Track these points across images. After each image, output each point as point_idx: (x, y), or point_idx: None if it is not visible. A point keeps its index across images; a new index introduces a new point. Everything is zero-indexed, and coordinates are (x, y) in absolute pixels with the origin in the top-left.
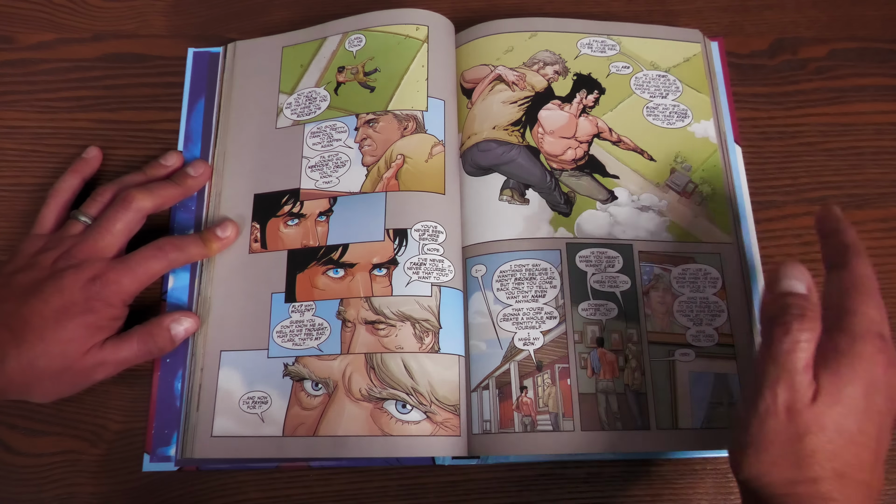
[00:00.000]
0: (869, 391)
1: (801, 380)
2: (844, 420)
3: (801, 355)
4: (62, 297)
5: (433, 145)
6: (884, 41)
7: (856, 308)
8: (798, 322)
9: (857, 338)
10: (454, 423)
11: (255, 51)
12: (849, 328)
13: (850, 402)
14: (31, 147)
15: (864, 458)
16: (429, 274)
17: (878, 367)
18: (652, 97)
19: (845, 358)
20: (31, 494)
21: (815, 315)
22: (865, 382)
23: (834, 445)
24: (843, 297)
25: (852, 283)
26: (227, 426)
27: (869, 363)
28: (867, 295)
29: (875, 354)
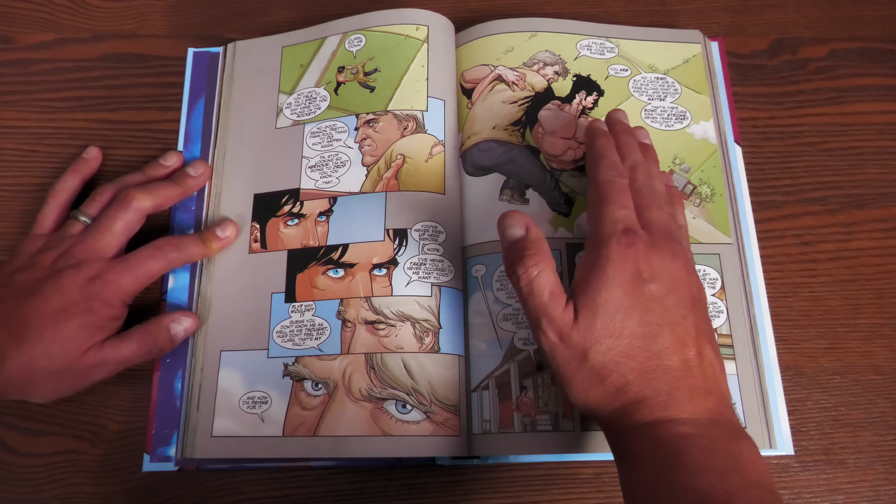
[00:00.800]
0: (632, 285)
1: (552, 309)
2: (613, 323)
3: (540, 288)
4: (62, 296)
5: (433, 145)
6: (884, 41)
7: (600, 214)
8: (520, 264)
9: (603, 242)
10: (454, 423)
11: (255, 51)
12: (596, 236)
13: (611, 305)
14: (31, 147)
15: (663, 345)
16: (429, 274)
17: (631, 260)
18: (650, 100)
19: (596, 266)
20: (31, 494)
21: (537, 248)
22: (622, 281)
23: (618, 350)
24: (593, 205)
25: (596, 193)
26: (227, 426)
27: (619, 261)
28: (608, 198)
29: (623, 250)
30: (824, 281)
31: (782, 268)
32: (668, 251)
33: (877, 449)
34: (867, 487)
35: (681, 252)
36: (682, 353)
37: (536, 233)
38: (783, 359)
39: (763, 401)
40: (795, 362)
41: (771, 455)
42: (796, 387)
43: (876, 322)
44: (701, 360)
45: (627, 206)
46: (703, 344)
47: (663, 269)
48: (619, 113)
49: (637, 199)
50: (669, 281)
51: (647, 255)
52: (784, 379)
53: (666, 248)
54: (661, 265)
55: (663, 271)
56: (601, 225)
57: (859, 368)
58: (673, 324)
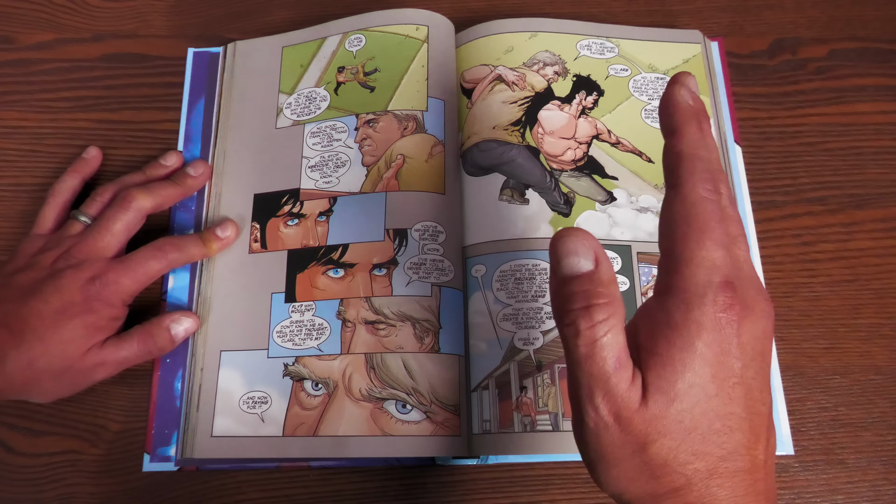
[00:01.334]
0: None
1: (616, 383)
2: (691, 415)
3: (605, 353)
4: (61, 296)
5: (433, 145)
6: (884, 41)
7: (689, 255)
8: (585, 318)
9: (694, 301)
10: (454, 423)
11: (255, 51)
12: (682, 287)
13: (694, 392)
14: (31, 147)
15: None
16: (429, 274)
17: (727, 331)
18: (650, 100)
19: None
20: (31, 494)
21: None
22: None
23: (687, 447)
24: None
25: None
26: (227, 426)
27: (713, 332)
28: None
29: (720, 316)
30: (824, 281)
31: (782, 268)
32: (760, 314)
33: (877, 449)
34: (867, 487)
35: (769, 310)
36: (754, 451)
37: (608, 270)
38: (783, 359)
39: None
40: (795, 362)
41: None
42: (796, 387)
43: (876, 322)
44: (767, 456)
45: (725, 243)
46: (771, 434)
47: (753, 341)
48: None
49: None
50: (758, 356)
51: (741, 324)
52: (784, 379)
53: (758, 309)
54: (751, 336)
55: (753, 345)
56: (692, 270)
57: (859, 368)
58: (752, 414)
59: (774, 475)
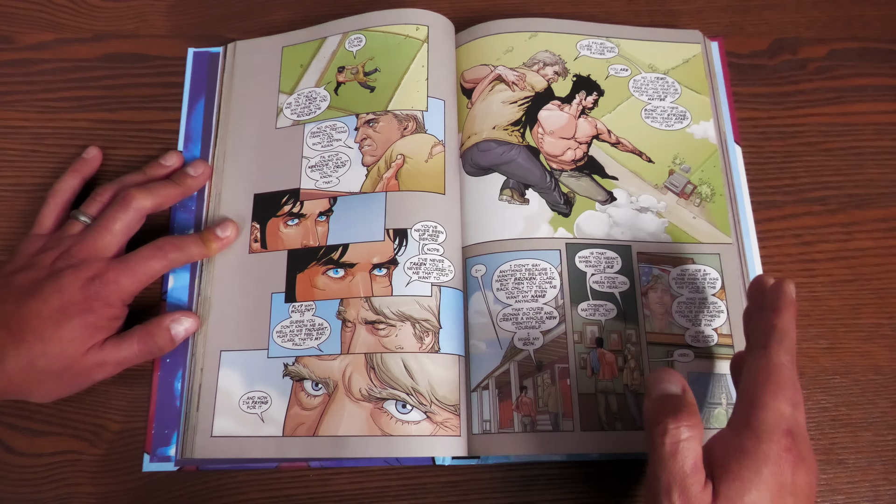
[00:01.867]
0: (777, 495)
1: (692, 483)
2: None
3: (685, 455)
4: (61, 296)
5: (433, 145)
6: (884, 41)
7: (765, 402)
8: (673, 420)
9: (764, 436)
10: (454, 423)
11: (255, 51)
12: (755, 425)
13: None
14: (31, 147)
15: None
16: (429, 274)
17: (786, 468)
18: (650, 100)
19: (749, 460)
20: (31, 494)
21: (692, 411)
22: (772, 486)
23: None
24: (755, 387)
25: (766, 373)
26: (226, 426)
27: (776, 465)
28: (779, 386)
29: (782, 454)
30: (824, 281)
31: (782, 268)
32: (811, 464)
33: (877, 449)
34: (867, 487)
35: (815, 464)
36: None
37: (692, 397)
38: None
39: None
40: None
41: None
42: None
43: (876, 322)
44: None
45: (794, 402)
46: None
47: (804, 484)
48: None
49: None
50: (805, 498)
51: (797, 467)
52: None
53: (809, 459)
54: (803, 480)
55: (804, 487)
56: (766, 414)
57: (859, 368)
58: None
59: None
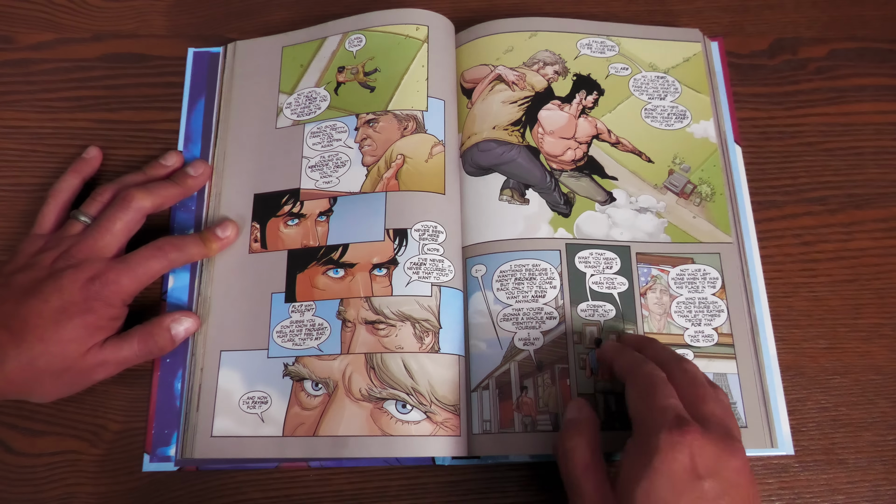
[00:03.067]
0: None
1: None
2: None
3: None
4: (61, 296)
5: (433, 145)
6: (884, 41)
7: (647, 406)
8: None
9: (652, 429)
10: (454, 423)
11: (255, 51)
12: (643, 424)
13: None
14: (31, 147)
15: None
16: (429, 274)
17: (684, 451)
18: (650, 99)
19: (642, 455)
20: (31, 494)
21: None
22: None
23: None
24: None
25: (637, 390)
26: (226, 426)
27: (669, 451)
28: (653, 390)
29: (677, 439)
30: (824, 281)
31: (782, 268)
32: (727, 447)
33: (877, 449)
34: (867, 487)
35: (741, 452)
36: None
37: (589, 413)
38: (783, 359)
39: (764, 400)
40: (795, 362)
41: (771, 455)
42: (796, 387)
43: (876, 322)
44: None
45: (674, 396)
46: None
47: (721, 466)
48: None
49: (685, 392)
50: (726, 482)
51: (703, 448)
52: (784, 379)
53: (725, 443)
54: (718, 462)
55: (721, 469)
56: (650, 414)
57: (859, 368)
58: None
59: None
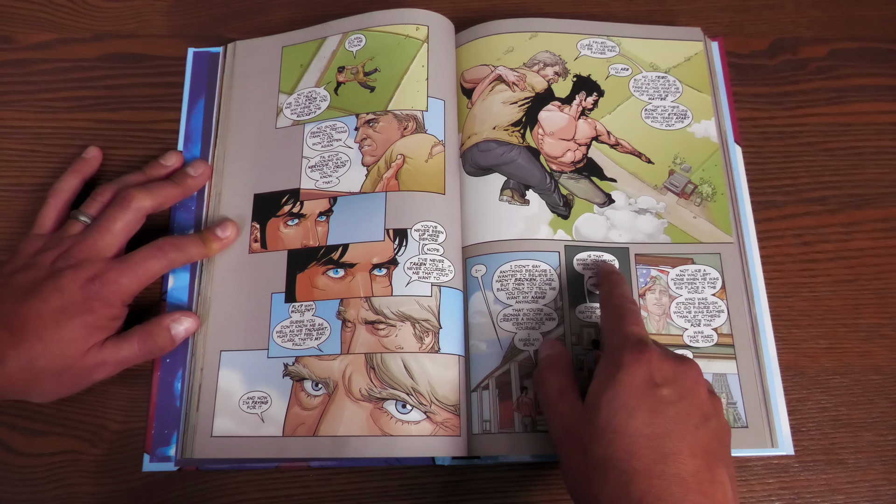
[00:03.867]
0: (642, 388)
1: (558, 403)
2: (616, 419)
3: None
4: (61, 296)
5: (433, 145)
6: (884, 41)
7: (616, 328)
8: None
9: (616, 350)
10: (454, 423)
11: (255, 51)
12: (610, 347)
13: (615, 402)
14: (31, 147)
15: (671, 450)
16: (429, 274)
17: (643, 365)
18: (651, 99)
19: (607, 371)
20: (31, 494)
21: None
22: (632, 382)
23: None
24: (608, 324)
25: (609, 315)
26: (226, 426)
27: (631, 366)
28: (622, 317)
29: (637, 356)
30: (824, 281)
31: (782, 268)
32: (682, 361)
33: (877, 449)
34: (867, 487)
35: (696, 366)
36: (692, 463)
37: (561, 349)
38: (783, 359)
39: (764, 400)
40: (795, 362)
41: (771, 455)
42: (796, 387)
43: (876, 322)
44: (712, 478)
45: (640, 324)
46: (714, 463)
47: (677, 375)
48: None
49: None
50: (682, 388)
51: (661, 362)
52: (784, 379)
53: (680, 358)
54: (674, 372)
55: (677, 378)
56: (615, 338)
57: (859, 368)
58: (683, 431)
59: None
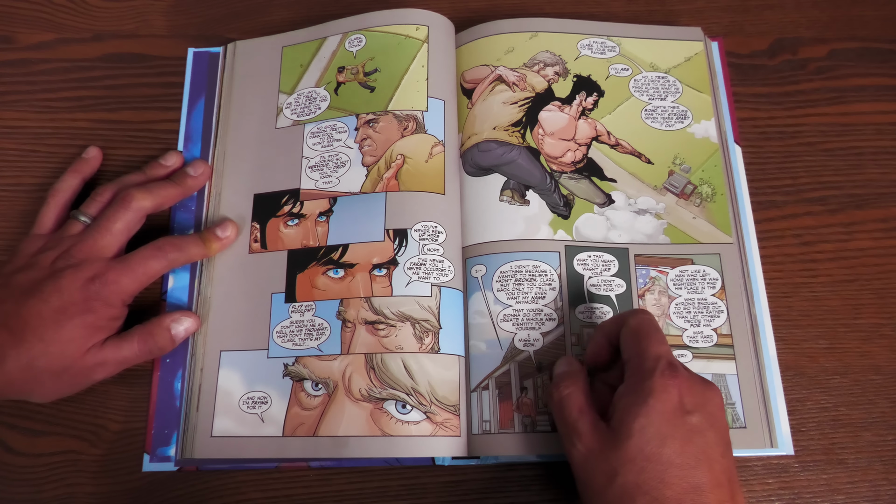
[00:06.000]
0: (674, 415)
1: (581, 424)
2: (649, 447)
3: (570, 405)
4: (61, 296)
5: (433, 145)
6: (884, 41)
7: (642, 350)
8: (555, 387)
9: (647, 374)
10: (454, 424)
11: (255, 51)
12: (638, 368)
13: (648, 430)
14: (31, 147)
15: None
16: (429, 274)
17: (672, 393)
18: (651, 99)
19: (638, 395)
20: (31, 494)
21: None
22: (664, 409)
23: (652, 473)
24: (631, 346)
25: (634, 332)
26: (226, 426)
27: (662, 391)
28: (648, 335)
29: (668, 381)
30: (824, 281)
31: (782, 268)
32: (707, 386)
33: (877, 449)
34: (867, 487)
35: (718, 391)
36: (718, 493)
37: (579, 366)
38: (783, 359)
39: (764, 400)
40: (795, 362)
41: (771, 455)
42: (796, 387)
43: (876, 322)
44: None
45: (666, 343)
46: (736, 490)
47: (705, 402)
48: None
49: None
50: (710, 416)
51: (691, 388)
52: (784, 379)
53: (705, 383)
54: (702, 399)
55: (705, 404)
56: (644, 361)
57: (859, 368)
58: (711, 460)
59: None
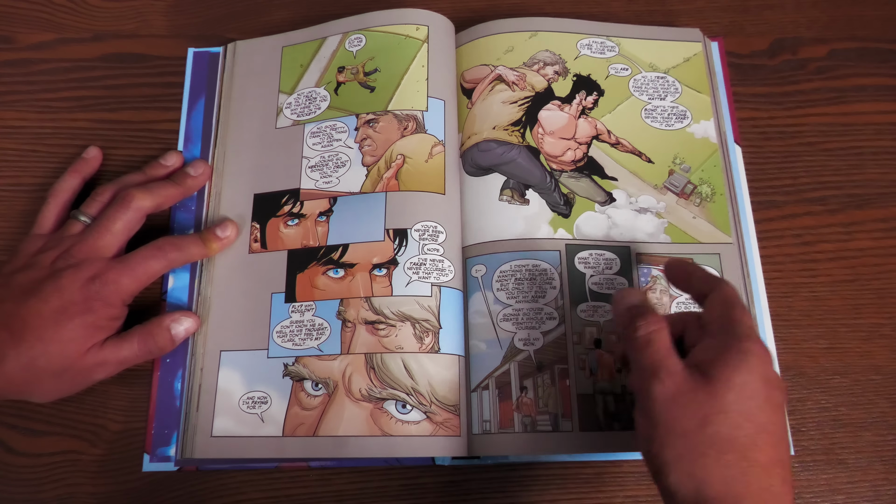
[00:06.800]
0: (766, 384)
1: (673, 363)
2: (747, 405)
3: (659, 342)
4: (61, 296)
5: (433, 145)
6: (884, 41)
7: (738, 317)
8: (641, 319)
9: (744, 338)
10: (454, 423)
11: (255, 51)
12: (734, 331)
13: (748, 389)
14: (31, 147)
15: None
16: (429, 274)
17: (768, 363)
18: (650, 99)
19: (735, 352)
20: (31, 494)
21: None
22: (760, 375)
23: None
24: (724, 310)
25: (727, 300)
26: (226, 426)
27: (759, 359)
28: (742, 308)
29: (763, 353)
30: (824, 281)
31: (782, 268)
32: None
33: (877, 449)
34: (867, 487)
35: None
36: (784, 471)
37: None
38: (783, 359)
39: None
40: (795, 362)
41: None
42: (796, 387)
43: (876, 322)
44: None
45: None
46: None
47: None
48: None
49: None
50: (784, 393)
51: (772, 365)
52: (784, 379)
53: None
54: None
55: (781, 384)
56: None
57: (859, 368)
58: (782, 437)
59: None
